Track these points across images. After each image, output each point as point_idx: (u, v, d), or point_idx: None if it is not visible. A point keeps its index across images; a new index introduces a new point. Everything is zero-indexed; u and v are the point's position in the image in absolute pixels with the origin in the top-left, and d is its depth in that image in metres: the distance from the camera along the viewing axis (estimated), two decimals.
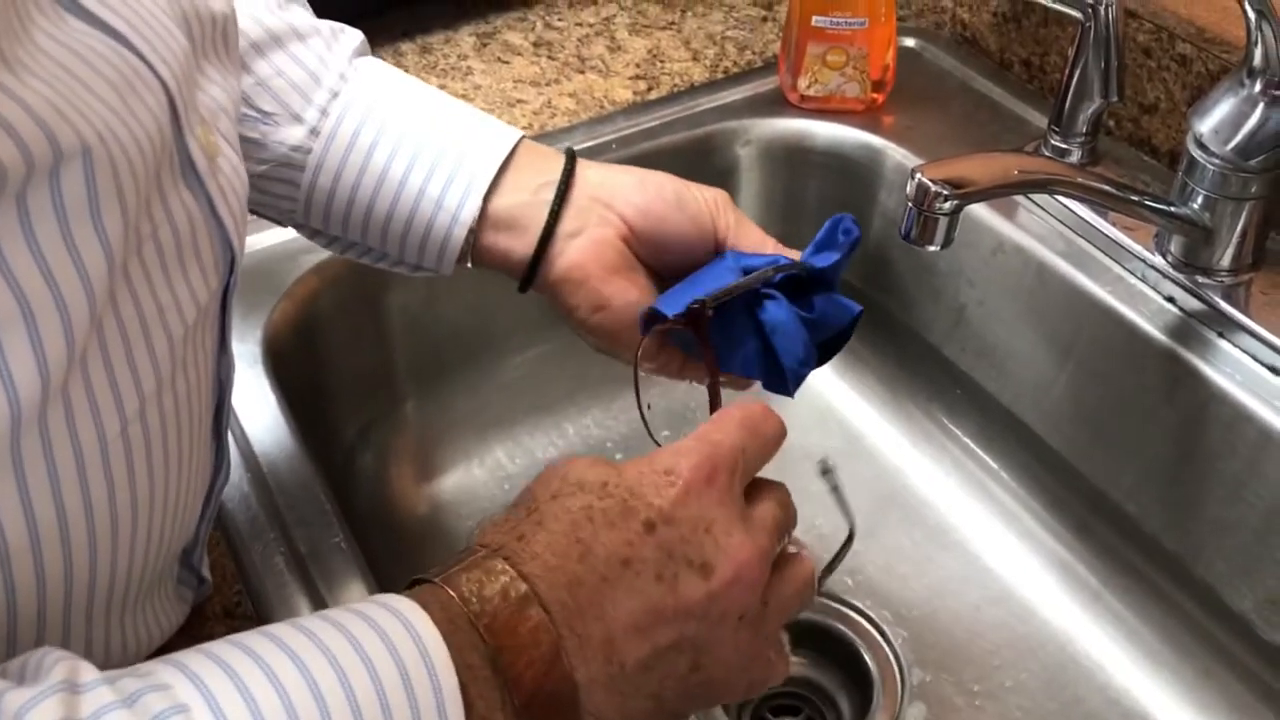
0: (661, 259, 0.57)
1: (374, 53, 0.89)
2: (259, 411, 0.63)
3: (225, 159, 0.43)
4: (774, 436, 0.47)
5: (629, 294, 0.55)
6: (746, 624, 0.43)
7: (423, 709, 0.35)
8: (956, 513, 0.78)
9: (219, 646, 0.35)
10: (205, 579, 0.52)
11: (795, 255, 0.56)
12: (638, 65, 0.89)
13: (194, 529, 0.47)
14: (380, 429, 0.80)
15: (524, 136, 0.57)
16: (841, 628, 0.72)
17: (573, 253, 0.55)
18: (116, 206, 0.35)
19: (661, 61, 0.89)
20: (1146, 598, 0.71)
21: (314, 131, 0.55)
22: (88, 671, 0.32)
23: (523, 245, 0.55)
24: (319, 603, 0.54)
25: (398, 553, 0.75)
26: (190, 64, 0.41)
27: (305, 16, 0.58)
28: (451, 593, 0.39)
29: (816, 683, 0.71)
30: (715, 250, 0.57)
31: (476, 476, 0.81)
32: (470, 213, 0.55)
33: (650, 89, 0.86)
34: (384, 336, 0.78)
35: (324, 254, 0.72)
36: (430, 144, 0.55)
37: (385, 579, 0.58)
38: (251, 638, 0.35)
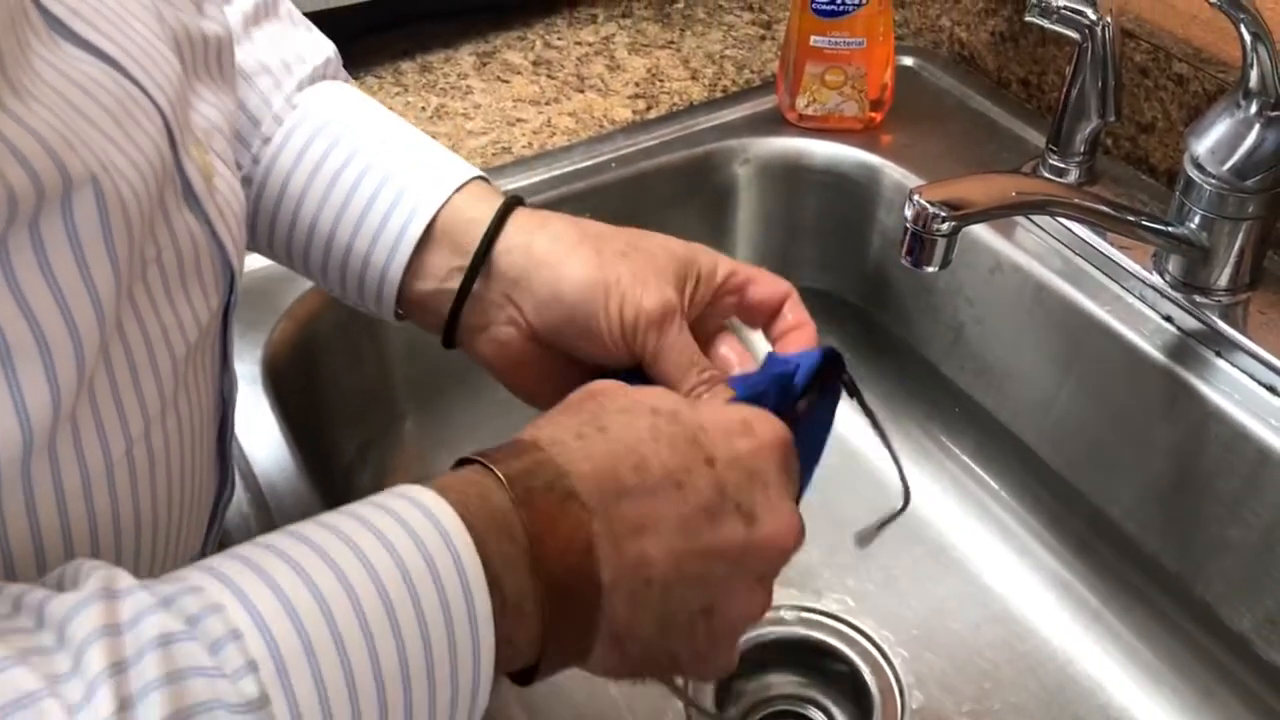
0: (576, 356, 0.52)
1: (374, 71, 0.90)
2: (259, 431, 0.63)
3: (221, 178, 0.43)
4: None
5: (541, 387, 0.52)
6: (763, 588, 0.44)
7: (450, 597, 0.35)
8: (955, 532, 0.78)
9: (246, 549, 0.35)
10: None
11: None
12: (637, 84, 0.89)
13: (200, 546, 0.47)
14: (379, 447, 0.80)
15: (475, 177, 0.53)
16: (841, 646, 0.72)
17: (480, 346, 0.53)
18: (125, 232, 0.35)
19: (660, 80, 0.89)
20: (1146, 617, 0.71)
21: (246, 179, 0.54)
22: (124, 578, 0.33)
23: (436, 328, 0.53)
24: None
25: None
26: (183, 86, 0.41)
27: (263, 46, 0.55)
28: (500, 475, 0.39)
29: (817, 701, 0.71)
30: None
31: None
32: (401, 260, 0.52)
33: (649, 108, 0.86)
34: (382, 355, 0.78)
35: None
36: (350, 211, 0.52)
37: None
38: (277, 538, 0.36)
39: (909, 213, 0.55)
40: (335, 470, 0.76)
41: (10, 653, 0.29)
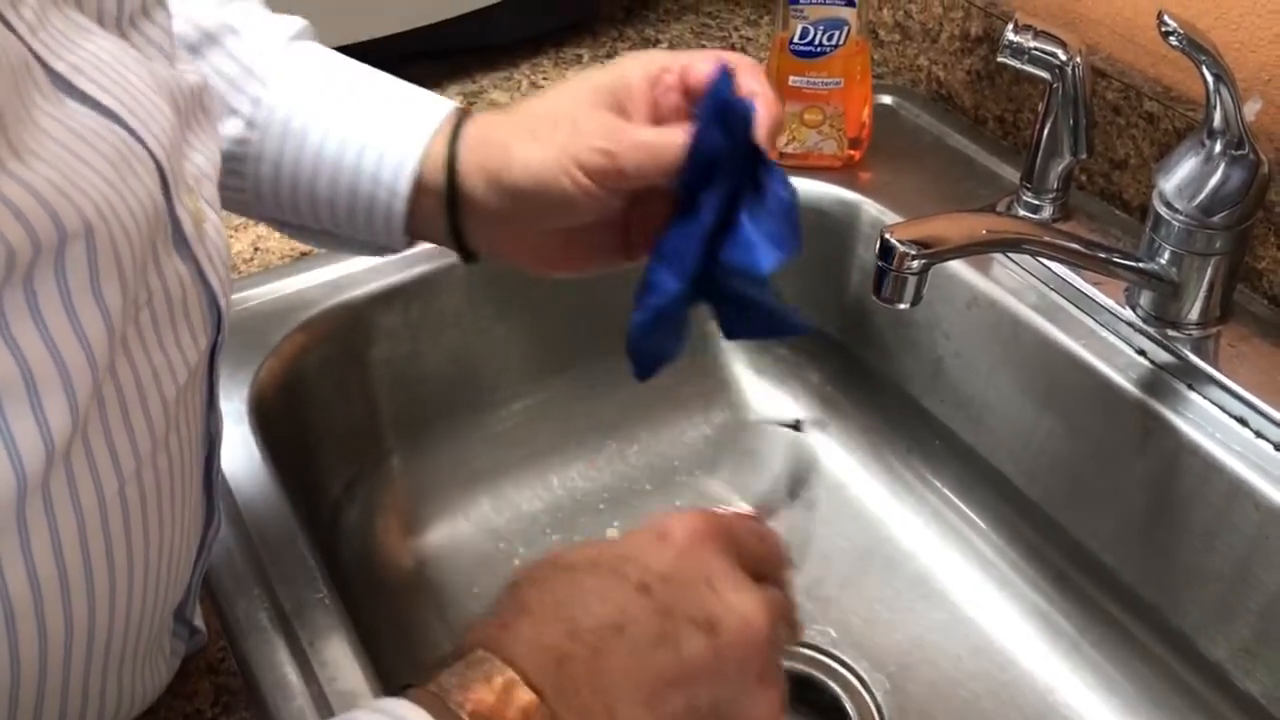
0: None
1: None
2: (245, 469, 0.64)
3: (210, 223, 0.45)
4: (768, 533, 0.45)
5: (568, 265, 0.56)
6: (765, 685, 0.40)
7: None
8: (937, 563, 0.79)
9: None
10: (198, 629, 0.53)
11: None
12: None
13: (187, 581, 0.48)
14: (366, 483, 0.80)
15: (451, 110, 0.56)
16: (824, 679, 0.72)
17: (500, 252, 0.57)
18: (116, 280, 0.37)
19: None
20: (1124, 647, 0.72)
21: (250, 124, 0.56)
22: None
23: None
24: (302, 658, 0.54)
25: (383, 607, 0.76)
26: (178, 136, 0.43)
27: (244, 9, 0.58)
28: (434, 689, 0.37)
29: None
30: None
31: (462, 530, 0.82)
32: (405, 187, 0.54)
33: None
34: (369, 391, 0.79)
35: (311, 311, 0.74)
36: (360, 125, 0.55)
37: (369, 634, 0.58)
38: None
39: (880, 251, 0.56)
40: (322, 507, 0.77)
41: None
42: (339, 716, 0.36)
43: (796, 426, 0.51)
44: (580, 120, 0.51)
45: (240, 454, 0.65)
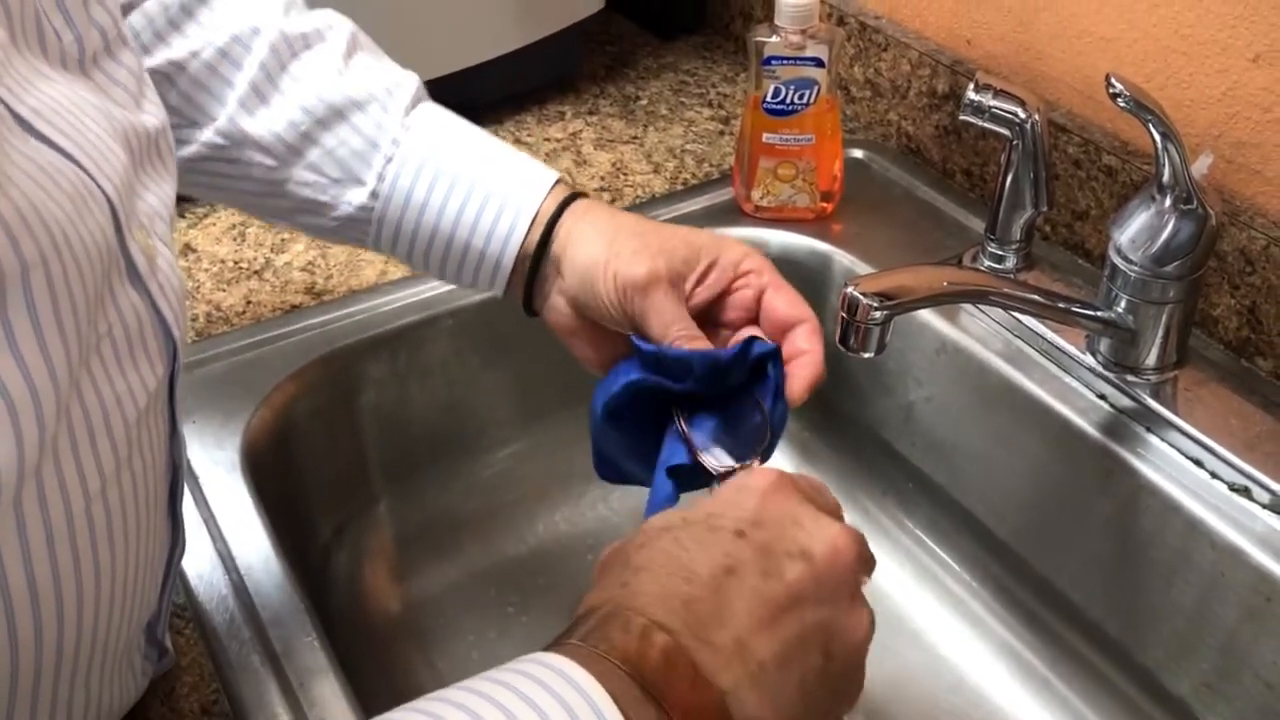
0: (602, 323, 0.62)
1: None
2: (237, 516, 0.66)
3: (163, 258, 0.47)
4: (821, 485, 0.51)
5: (593, 353, 0.63)
6: (858, 604, 0.46)
7: None
8: (911, 603, 0.81)
9: (423, 702, 0.38)
10: (168, 651, 0.55)
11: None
12: (602, 178, 0.94)
13: (155, 600, 0.50)
14: (354, 529, 0.82)
15: (557, 180, 0.64)
16: None
17: (546, 315, 0.64)
18: (72, 309, 0.39)
19: (625, 174, 0.94)
20: (1092, 683, 0.74)
21: (374, 194, 0.63)
22: None
23: (520, 298, 0.65)
24: (292, 699, 0.56)
25: (370, 649, 0.77)
26: (131, 176, 0.46)
27: (364, 77, 0.64)
28: (575, 643, 0.42)
29: None
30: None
31: (448, 574, 0.83)
32: (512, 252, 0.62)
33: (614, 200, 0.91)
34: (358, 438, 0.81)
35: (301, 362, 0.76)
36: (475, 195, 0.62)
37: (357, 676, 0.60)
38: (434, 705, 0.39)
39: (843, 304, 0.59)
40: (312, 552, 0.79)
41: None
42: (502, 667, 0.40)
43: None
44: (650, 249, 0.59)
45: (233, 500, 0.67)
